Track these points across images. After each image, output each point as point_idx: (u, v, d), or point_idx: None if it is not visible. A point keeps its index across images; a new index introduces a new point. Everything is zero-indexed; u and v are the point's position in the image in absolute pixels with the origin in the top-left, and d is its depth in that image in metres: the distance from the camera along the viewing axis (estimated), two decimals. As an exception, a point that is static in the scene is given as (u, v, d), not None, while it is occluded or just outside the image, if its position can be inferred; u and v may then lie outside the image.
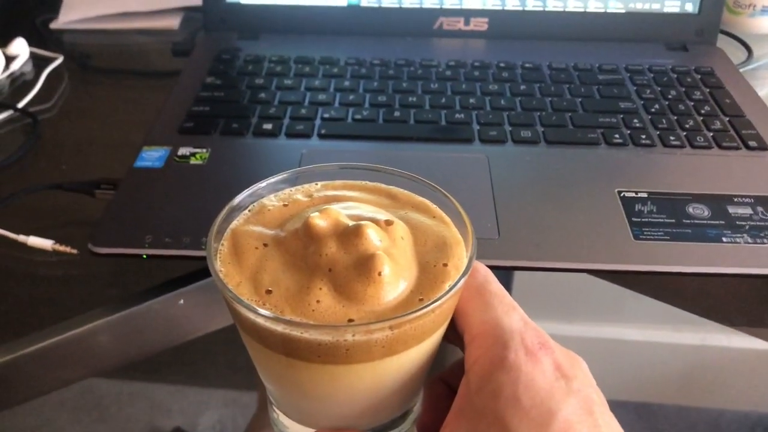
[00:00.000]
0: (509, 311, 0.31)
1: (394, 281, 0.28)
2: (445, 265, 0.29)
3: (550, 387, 0.28)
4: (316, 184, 0.35)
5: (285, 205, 0.33)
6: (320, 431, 0.32)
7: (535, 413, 0.27)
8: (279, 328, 0.27)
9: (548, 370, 0.28)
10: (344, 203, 0.33)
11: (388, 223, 0.30)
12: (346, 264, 0.29)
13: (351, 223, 0.30)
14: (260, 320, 0.27)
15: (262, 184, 0.34)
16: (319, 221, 0.30)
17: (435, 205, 0.33)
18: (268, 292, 0.29)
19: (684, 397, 0.49)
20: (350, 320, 0.28)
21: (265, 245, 0.31)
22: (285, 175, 0.35)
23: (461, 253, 0.31)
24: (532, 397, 0.27)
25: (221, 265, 0.30)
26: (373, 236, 0.29)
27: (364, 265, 0.28)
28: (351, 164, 0.36)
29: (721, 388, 0.51)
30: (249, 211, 0.33)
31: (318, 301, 0.28)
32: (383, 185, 0.35)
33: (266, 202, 0.34)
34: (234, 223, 0.33)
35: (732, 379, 0.52)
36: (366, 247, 0.29)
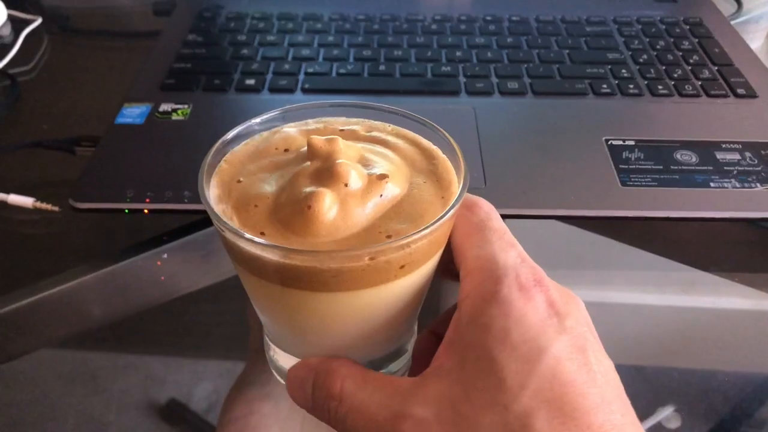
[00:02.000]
0: (506, 247, 0.30)
1: (318, 222, 0.27)
2: (389, 236, 0.28)
3: (542, 323, 0.27)
4: (388, 126, 0.34)
5: (341, 130, 0.33)
6: (307, 361, 0.31)
7: (525, 349, 0.26)
8: (214, 219, 0.28)
9: (541, 307, 0.28)
10: (374, 145, 0.32)
11: (381, 177, 0.29)
12: (301, 190, 0.28)
13: (340, 160, 0.29)
14: (202, 197, 0.29)
15: (257, 119, 0.33)
16: (317, 144, 0.30)
17: (459, 185, 0.30)
18: (238, 181, 0.30)
19: (673, 359, 0.49)
20: (261, 233, 0.28)
21: (286, 150, 0.32)
22: (276, 113, 0.34)
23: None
24: (522, 332, 0.27)
25: (232, 155, 0.32)
26: (348, 179, 0.28)
27: (306, 197, 0.28)
28: (342, 102, 0.35)
29: (711, 348, 0.51)
30: (311, 121, 0.34)
31: (255, 206, 0.29)
32: (433, 147, 0.33)
33: (332, 120, 0.34)
34: (287, 125, 0.34)
35: (722, 338, 0.52)
36: (328, 184, 0.28)
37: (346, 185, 0.28)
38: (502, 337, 0.27)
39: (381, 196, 0.29)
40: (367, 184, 0.29)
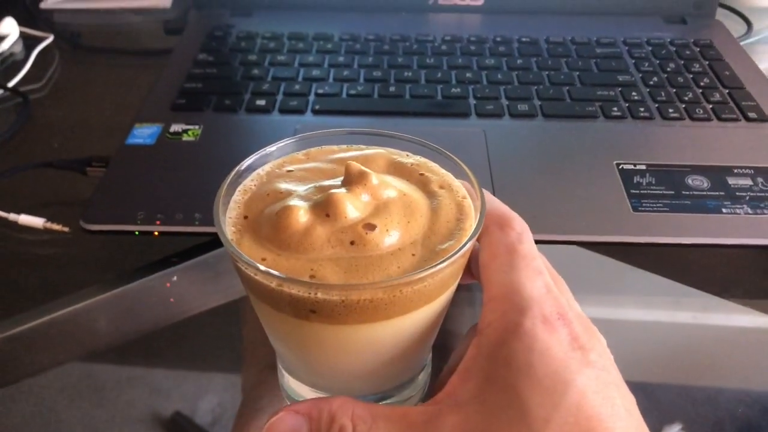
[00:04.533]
0: (533, 276, 0.29)
1: (276, 233, 0.28)
2: (312, 276, 0.28)
3: (566, 357, 0.27)
4: (462, 189, 0.33)
5: (421, 175, 0.33)
6: (292, 408, 0.29)
7: (549, 383, 0.26)
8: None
9: (564, 340, 0.27)
10: (429, 199, 0.31)
11: (368, 226, 0.29)
12: (293, 199, 0.30)
13: (341, 191, 0.29)
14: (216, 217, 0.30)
15: (272, 148, 0.34)
16: (352, 170, 0.30)
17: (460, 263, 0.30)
18: (288, 171, 0.33)
19: (681, 376, 0.49)
20: (245, 217, 0.30)
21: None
22: (294, 140, 0.34)
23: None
24: (546, 365, 0.26)
25: (318, 151, 0.34)
26: (330, 210, 0.29)
27: (284, 207, 0.29)
28: (360, 129, 0.35)
29: (719, 366, 0.51)
30: (410, 155, 0.34)
31: (267, 195, 0.31)
32: (471, 206, 0.31)
33: (422, 161, 0.34)
34: (381, 148, 0.35)
35: (730, 357, 0.51)
36: (315, 206, 0.29)
37: (327, 215, 0.28)
38: (526, 370, 0.26)
39: (352, 243, 0.28)
40: (350, 224, 0.29)
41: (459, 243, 0.29)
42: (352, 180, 0.30)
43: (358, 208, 0.29)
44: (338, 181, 0.31)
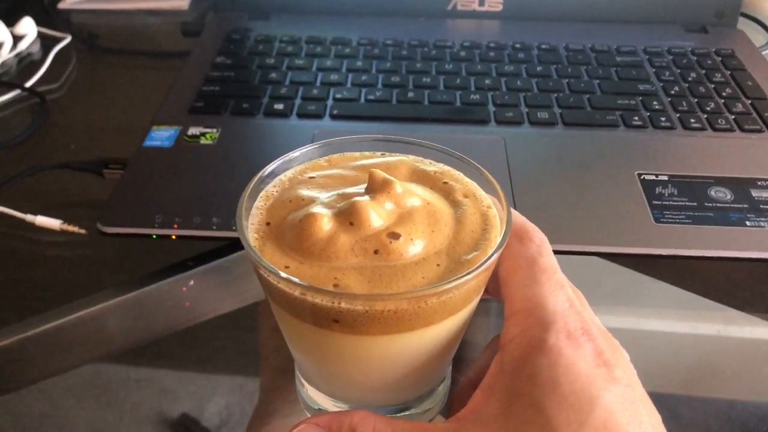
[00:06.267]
0: (556, 290, 0.29)
1: (299, 240, 0.28)
2: (335, 285, 0.27)
3: (591, 373, 0.26)
4: (487, 200, 0.32)
5: (445, 183, 0.32)
6: (313, 419, 0.29)
7: (575, 399, 0.25)
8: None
9: (589, 356, 0.27)
10: (454, 209, 0.31)
11: (393, 236, 0.28)
12: (317, 206, 0.29)
13: (365, 198, 0.29)
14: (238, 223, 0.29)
15: (295, 153, 0.33)
16: (376, 178, 0.30)
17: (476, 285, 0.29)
18: (310, 177, 0.33)
19: (694, 388, 0.49)
20: (267, 223, 0.30)
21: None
22: (317, 146, 0.34)
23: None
24: (571, 382, 0.26)
25: (341, 157, 0.34)
26: (355, 219, 0.28)
27: (308, 214, 0.29)
28: (388, 137, 0.34)
29: (731, 379, 0.50)
30: (433, 162, 0.34)
31: (290, 201, 0.31)
32: (496, 216, 0.31)
33: (452, 173, 0.33)
34: (409, 156, 0.34)
35: (743, 369, 0.51)
36: (339, 214, 0.28)
37: (351, 224, 0.28)
38: (551, 387, 0.26)
39: (376, 252, 0.28)
40: (374, 233, 0.28)
41: (485, 254, 0.28)
42: (375, 188, 0.30)
43: (381, 217, 0.29)
44: (361, 188, 0.30)
